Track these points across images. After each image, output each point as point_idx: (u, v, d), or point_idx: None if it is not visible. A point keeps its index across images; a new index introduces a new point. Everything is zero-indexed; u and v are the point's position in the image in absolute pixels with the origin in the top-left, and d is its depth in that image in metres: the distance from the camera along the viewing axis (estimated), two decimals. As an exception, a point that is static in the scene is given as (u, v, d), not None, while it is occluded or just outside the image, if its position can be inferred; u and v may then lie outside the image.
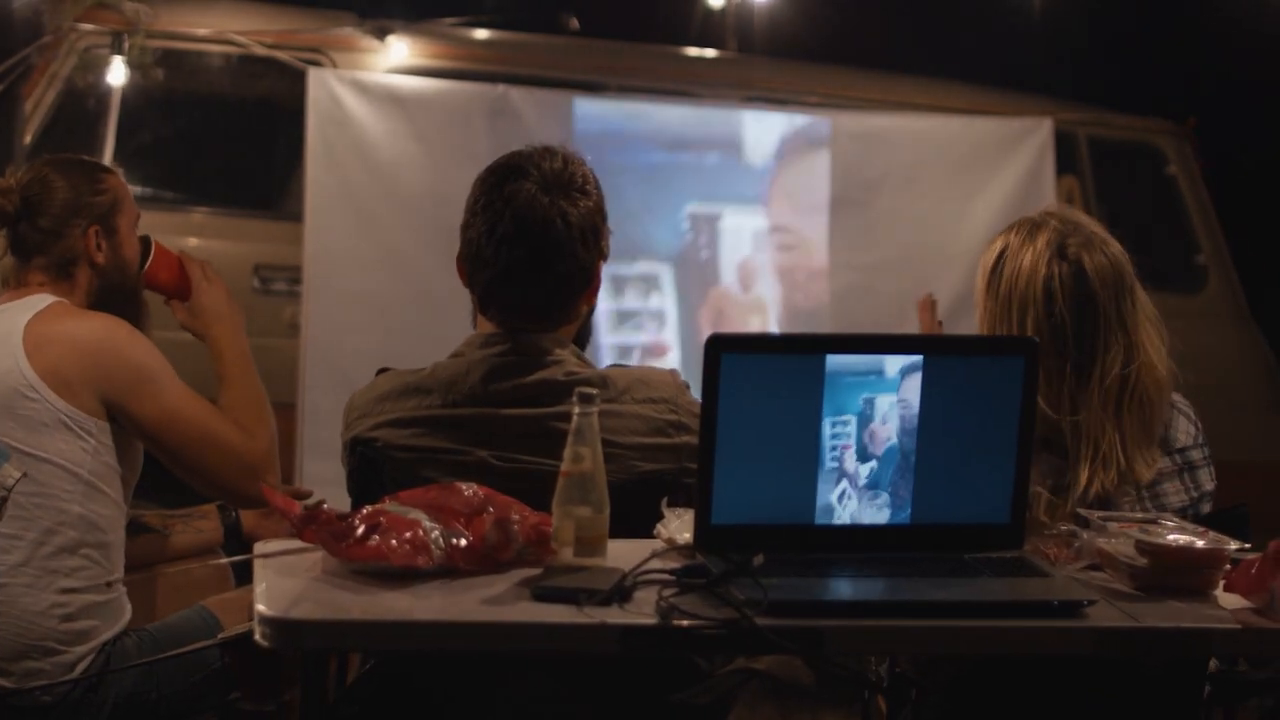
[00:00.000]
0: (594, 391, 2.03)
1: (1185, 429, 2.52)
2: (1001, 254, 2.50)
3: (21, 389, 2.63)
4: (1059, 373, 2.42)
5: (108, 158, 5.31)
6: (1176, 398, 2.54)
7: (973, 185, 6.00)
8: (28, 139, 5.28)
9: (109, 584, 2.71)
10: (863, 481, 2.13)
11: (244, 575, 2.78)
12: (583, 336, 2.48)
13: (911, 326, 5.68)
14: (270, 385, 5.28)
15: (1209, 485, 2.48)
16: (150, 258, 2.92)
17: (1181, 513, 2.40)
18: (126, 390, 2.68)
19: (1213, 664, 2.44)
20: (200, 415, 2.75)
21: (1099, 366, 2.42)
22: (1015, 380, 2.13)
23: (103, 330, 2.72)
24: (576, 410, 2.02)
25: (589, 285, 2.40)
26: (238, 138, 5.90)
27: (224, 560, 2.70)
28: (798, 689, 3.21)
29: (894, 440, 2.13)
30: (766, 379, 2.08)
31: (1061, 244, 2.46)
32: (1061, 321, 2.43)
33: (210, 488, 2.80)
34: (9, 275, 2.86)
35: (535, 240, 2.33)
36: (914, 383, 2.12)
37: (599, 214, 2.39)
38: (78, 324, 2.73)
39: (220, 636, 2.71)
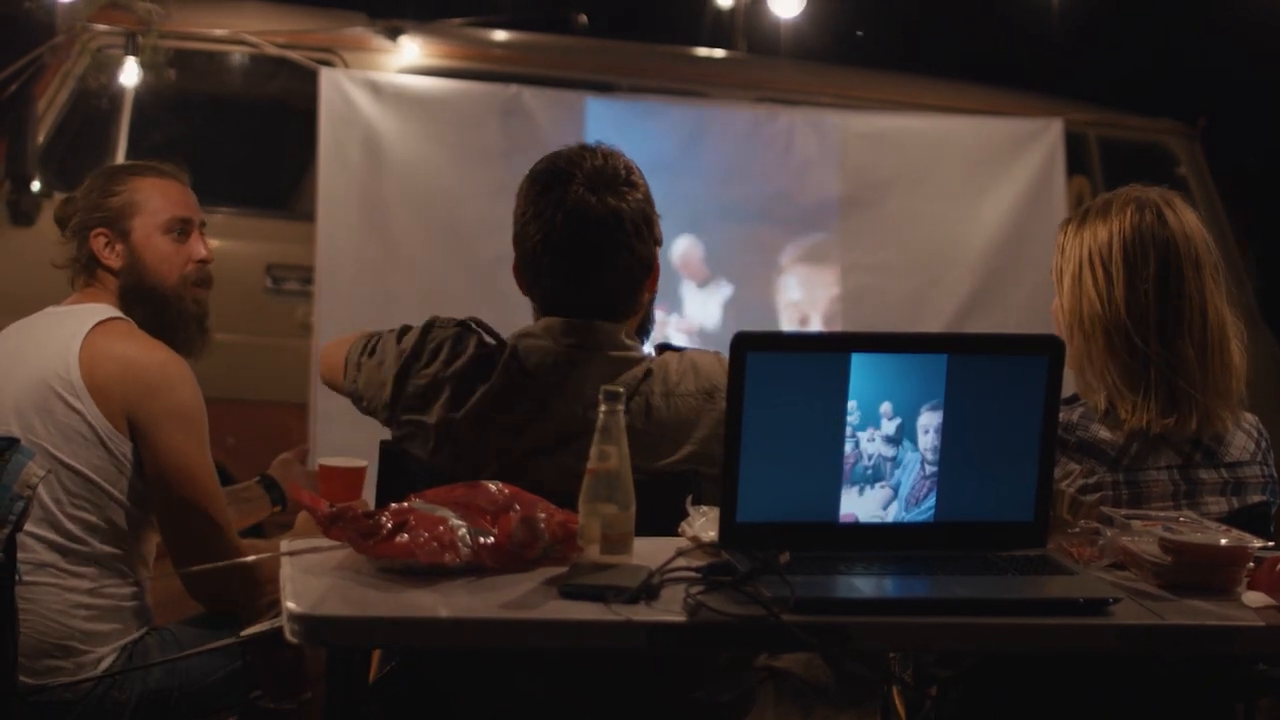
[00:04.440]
0: (620, 390, 2.04)
1: (1243, 445, 2.51)
2: (1081, 222, 2.54)
3: (65, 394, 2.64)
4: (1142, 328, 2.44)
5: (120, 158, 5.32)
6: (1244, 415, 2.54)
7: (983, 186, 6.00)
8: (40, 139, 5.29)
9: (134, 589, 2.71)
10: (886, 479, 2.13)
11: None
12: (645, 325, 2.48)
13: (923, 325, 5.73)
14: (282, 385, 5.33)
15: (1255, 499, 2.47)
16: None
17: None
18: (156, 421, 2.68)
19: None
20: (212, 484, 2.72)
21: (1187, 312, 2.44)
22: (1039, 378, 2.13)
23: (159, 362, 2.72)
24: (602, 408, 2.03)
25: (649, 274, 2.40)
26: (250, 138, 5.91)
27: (249, 559, 2.70)
28: (818, 688, 3.22)
29: (918, 438, 2.13)
30: (792, 377, 2.08)
31: (1141, 201, 2.49)
32: (1149, 271, 2.45)
33: (180, 549, 2.71)
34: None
35: (592, 241, 2.33)
36: (938, 381, 2.12)
37: (649, 203, 2.39)
38: (138, 348, 2.73)
39: (241, 634, 2.72)
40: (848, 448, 2.11)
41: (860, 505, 2.13)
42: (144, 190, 2.85)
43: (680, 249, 5.80)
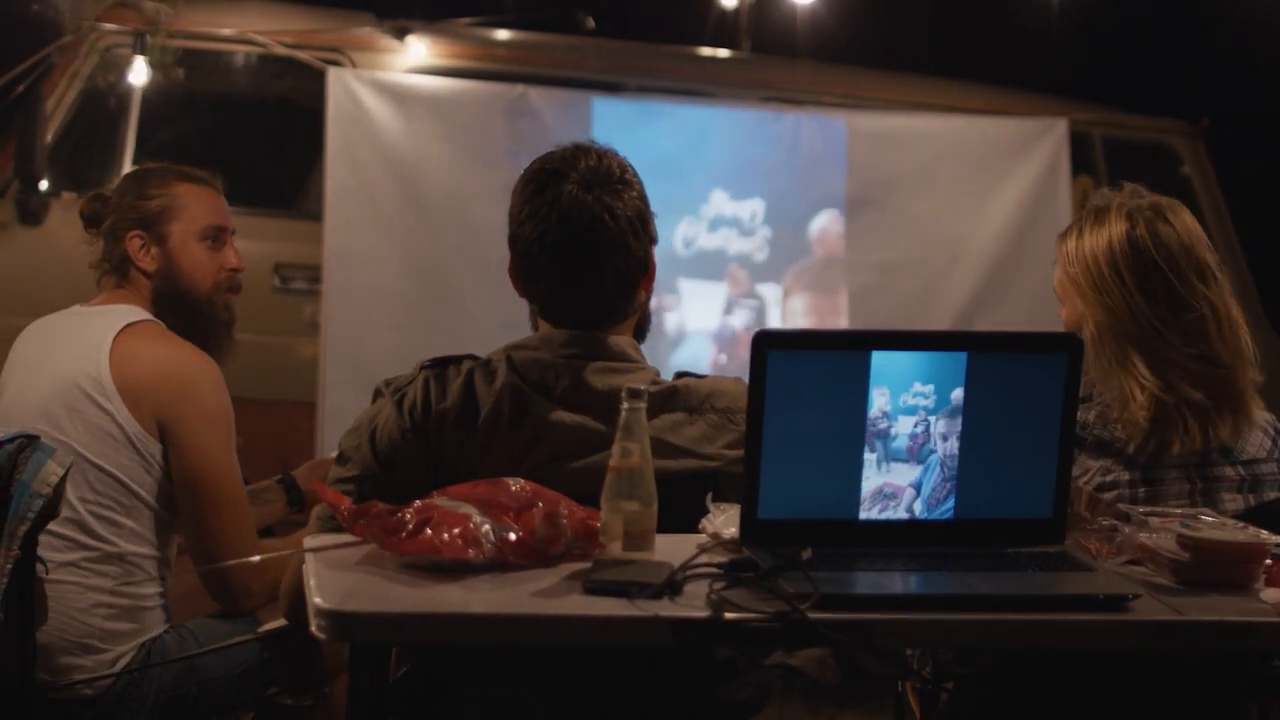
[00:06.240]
0: (642, 388, 2.05)
1: (1259, 442, 2.52)
2: (1077, 233, 2.55)
3: (94, 394, 2.65)
4: (1148, 338, 2.45)
5: (128, 157, 5.34)
6: (1260, 413, 2.55)
7: (988, 185, 6.02)
8: (49, 138, 5.29)
9: (156, 589, 2.72)
10: (906, 477, 2.14)
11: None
12: (643, 326, 2.46)
13: (928, 324, 5.74)
14: (290, 384, 5.34)
15: (1271, 496, 2.49)
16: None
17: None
18: (186, 423, 2.68)
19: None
20: (237, 486, 2.73)
21: (1180, 328, 2.46)
22: (1058, 376, 2.14)
23: (191, 364, 2.73)
24: (625, 406, 2.04)
25: (645, 273, 2.38)
26: (257, 137, 5.92)
27: (266, 557, 2.71)
28: (827, 686, 3.23)
29: (937, 436, 2.14)
30: (813, 375, 2.09)
31: (1134, 212, 2.51)
32: (1144, 286, 2.46)
33: (203, 550, 2.71)
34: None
35: (588, 242, 2.31)
36: (958, 379, 2.13)
37: (643, 200, 2.37)
38: (170, 351, 2.74)
39: (260, 631, 2.73)
40: (868, 445, 2.12)
41: (880, 502, 2.13)
42: (182, 196, 2.86)
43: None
